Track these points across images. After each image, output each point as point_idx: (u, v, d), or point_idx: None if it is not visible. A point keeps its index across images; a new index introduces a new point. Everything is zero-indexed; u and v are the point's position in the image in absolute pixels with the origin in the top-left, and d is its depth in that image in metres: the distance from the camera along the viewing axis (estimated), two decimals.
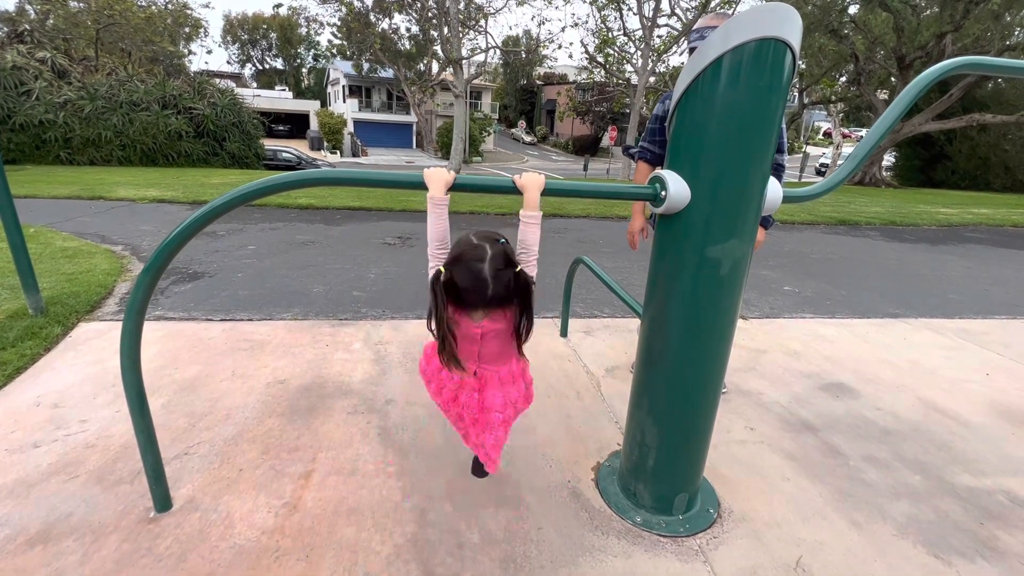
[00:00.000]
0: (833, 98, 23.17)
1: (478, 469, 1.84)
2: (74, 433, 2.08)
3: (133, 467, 1.88)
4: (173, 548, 1.56)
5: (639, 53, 20.54)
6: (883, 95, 21.85)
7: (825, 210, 10.01)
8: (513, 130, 51.28)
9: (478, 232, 1.43)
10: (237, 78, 50.48)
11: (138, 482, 1.80)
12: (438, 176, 1.41)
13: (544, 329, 3.39)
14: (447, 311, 1.37)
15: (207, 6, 40.90)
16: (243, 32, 55.57)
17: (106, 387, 2.42)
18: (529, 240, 1.45)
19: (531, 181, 1.44)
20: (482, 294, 1.35)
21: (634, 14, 19.65)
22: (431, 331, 1.42)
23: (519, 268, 1.36)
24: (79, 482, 1.81)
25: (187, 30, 27.79)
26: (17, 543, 1.55)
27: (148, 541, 1.58)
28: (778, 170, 2.29)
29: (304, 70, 58.21)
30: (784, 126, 2.31)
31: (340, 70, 36.92)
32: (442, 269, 1.35)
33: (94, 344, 2.88)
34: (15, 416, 2.17)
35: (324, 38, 55.68)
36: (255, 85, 52.79)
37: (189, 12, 25.01)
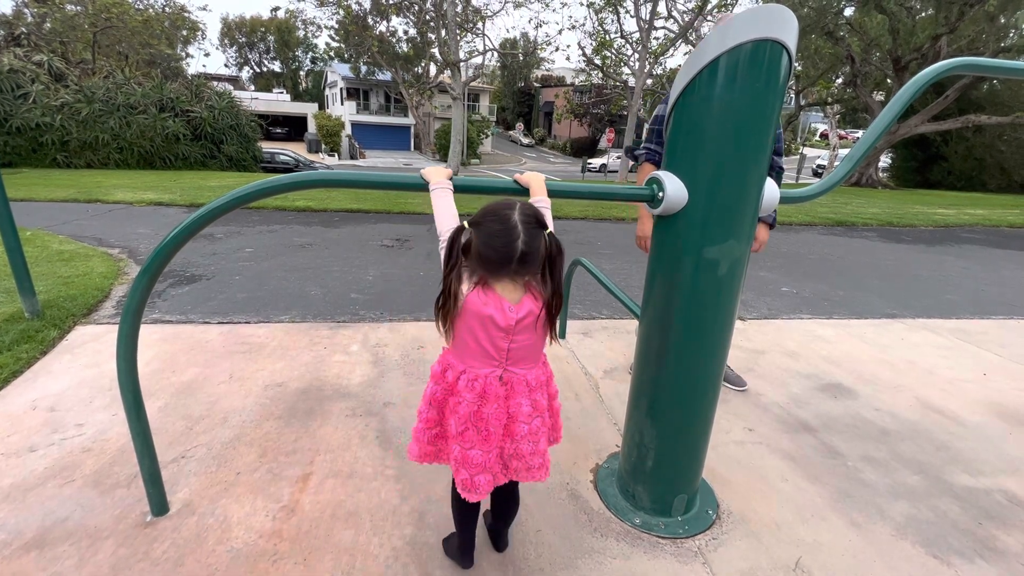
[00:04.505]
0: (829, 100, 23.27)
1: (496, 535, 1.61)
2: (70, 437, 2.07)
3: (130, 471, 1.87)
4: (170, 552, 1.56)
5: (636, 55, 20.61)
6: (879, 97, 21.96)
7: (822, 211, 10.04)
8: (511, 132, 51.38)
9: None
10: (235, 81, 50.48)
11: (135, 486, 1.79)
12: (437, 169, 1.41)
13: None
14: (457, 278, 1.19)
15: (205, 9, 40.86)
16: (241, 35, 55.59)
17: (103, 390, 2.41)
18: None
19: (533, 177, 1.44)
20: (511, 246, 1.12)
21: (631, 16, 19.72)
22: (439, 327, 1.25)
23: (550, 230, 1.19)
24: (75, 486, 1.80)
25: (184, 33, 27.72)
26: (13, 548, 1.54)
27: (145, 545, 1.58)
28: (778, 173, 2.29)
29: (302, 73, 58.25)
30: (781, 129, 2.31)
31: (338, 73, 36.97)
32: (465, 225, 1.18)
33: (90, 347, 2.87)
34: (11, 420, 2.16)
35: (322, 41, 55.74)
36: (253, 88, 52.76)
37: (187, 15, 24.96)
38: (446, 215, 1.29)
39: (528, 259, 1.15)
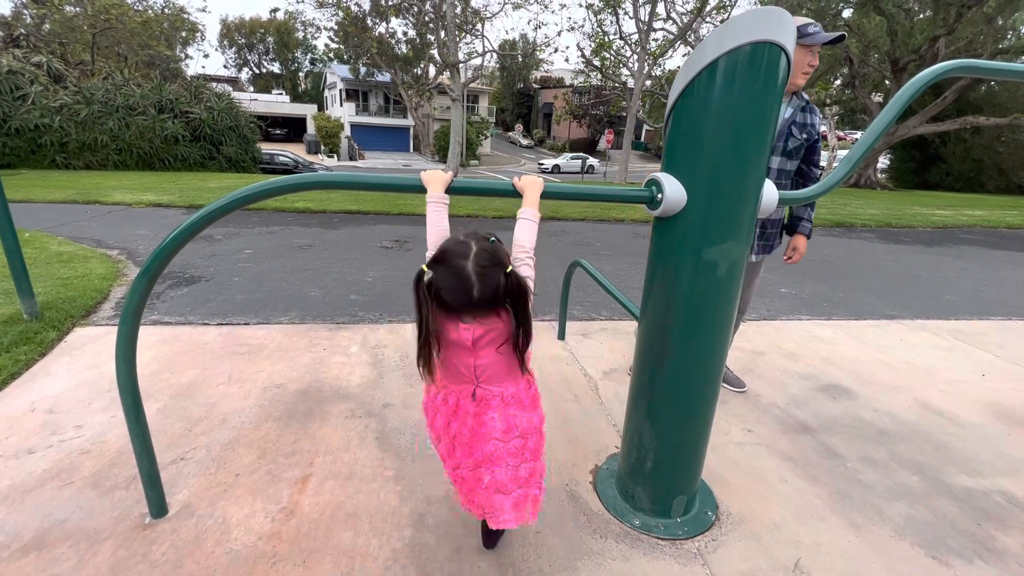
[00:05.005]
0: (828, 101, 23.31)
1: (487, 537, 1.60)
2: (69, 439, 2.06)
3: (129, 473, 1.86)
4: (169, 554, 1.55)
5: (635, 57, 20.64)
6: (877, 98, 22.02)
7: (821, 212, 10.05)
8: (510, 133, 51.44)
9: (466, 231, 1.28)
10: (234, 82, 50.47)
11: (134, 488, 1.78)
12: (436, 176, 1.40)
13: (541, 332, 3.39)
14: (432, 317, 1.24)
15: (204, 10, 40.80)
16: (240, 36, 55.60)
17: (101, 392, 2.41)
18: (524, 238, 1.35)
19: (530, 182, 1.43)
20: (466, 295, 1.18)
21: (630, 18, 19.77)
22: (422, 372, 1.30)
23: (509, 268, 1.21)
24: (74, 488, 1.80)
25: (184, 34, 27.73)
26: (11, 550, 1.54)
27: (143, 547, 1.57)
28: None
29: (301, 74, 58.25)
30: (820, 139, 2.34)
31: (337, 74, 36.98)
32: (424, 268, 1.21)
33: (89, 349, 2.86)
34: (10, 422, 2.16)
35: (321, 42, 55.71)
36: (252, 89, 52.77)
37: (186, 16, 24.93)
38: (434, 233, 1.34)
39: (483, 303, 1.20)
